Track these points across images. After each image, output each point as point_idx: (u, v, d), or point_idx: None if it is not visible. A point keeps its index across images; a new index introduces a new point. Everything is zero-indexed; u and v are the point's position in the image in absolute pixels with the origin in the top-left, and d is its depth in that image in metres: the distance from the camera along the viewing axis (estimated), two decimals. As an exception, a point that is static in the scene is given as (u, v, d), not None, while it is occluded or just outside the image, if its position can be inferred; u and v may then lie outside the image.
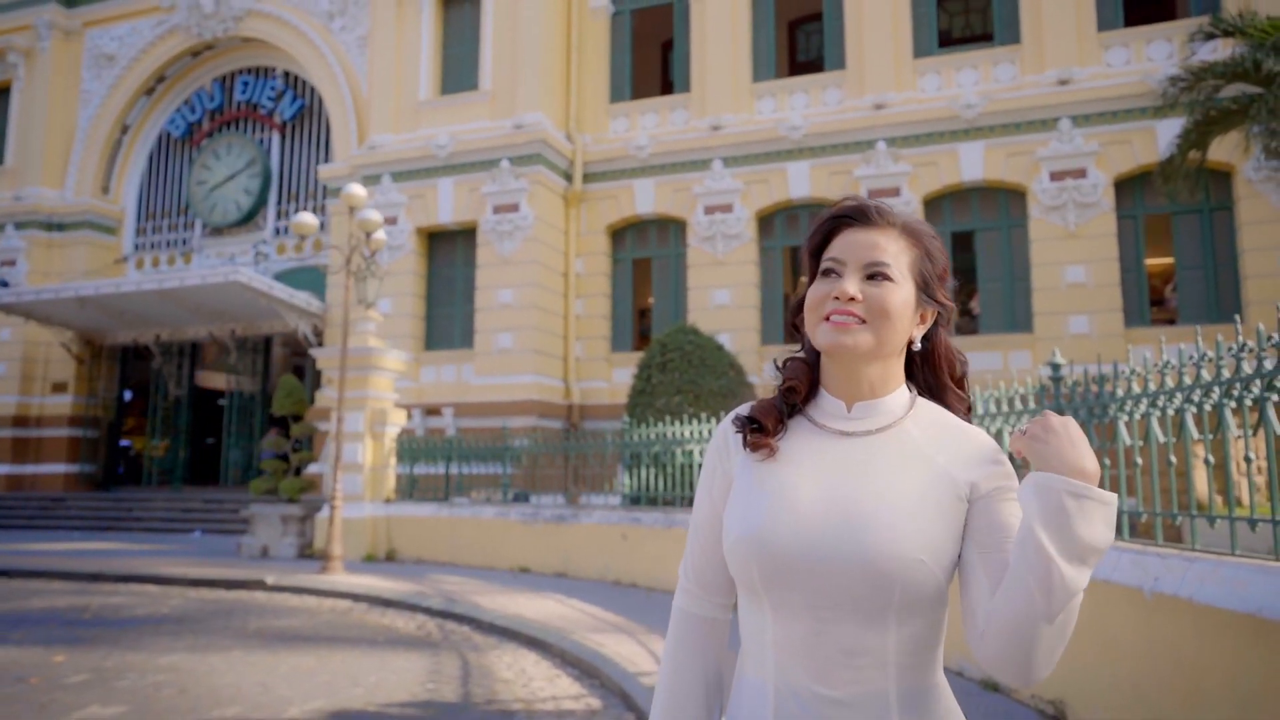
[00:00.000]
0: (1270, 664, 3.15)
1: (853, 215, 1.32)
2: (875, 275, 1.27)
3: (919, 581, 1.19)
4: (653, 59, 21.11)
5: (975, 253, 16.38)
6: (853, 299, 1.25)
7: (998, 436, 5.85)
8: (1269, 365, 3.50)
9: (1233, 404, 3.78)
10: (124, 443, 23.50)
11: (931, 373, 1.37)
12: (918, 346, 1.33)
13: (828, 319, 1.26)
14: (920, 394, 1.36)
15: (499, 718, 5.34)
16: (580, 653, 6.72)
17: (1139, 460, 4.55)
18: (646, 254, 18.62)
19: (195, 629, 8.06)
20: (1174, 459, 4.29)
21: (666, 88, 20.46)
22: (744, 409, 1.37)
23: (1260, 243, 14.22)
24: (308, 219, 11.47)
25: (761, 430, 1.32)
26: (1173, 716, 3.76)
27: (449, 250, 18.66)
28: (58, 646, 7.17)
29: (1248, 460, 3.66)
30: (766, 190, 17.23)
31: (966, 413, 1.37)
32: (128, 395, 23.37)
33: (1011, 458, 1.89)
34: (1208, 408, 3.97)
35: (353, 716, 5.32)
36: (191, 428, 22.29)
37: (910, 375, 1.36)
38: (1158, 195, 14.22)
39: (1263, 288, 13.87)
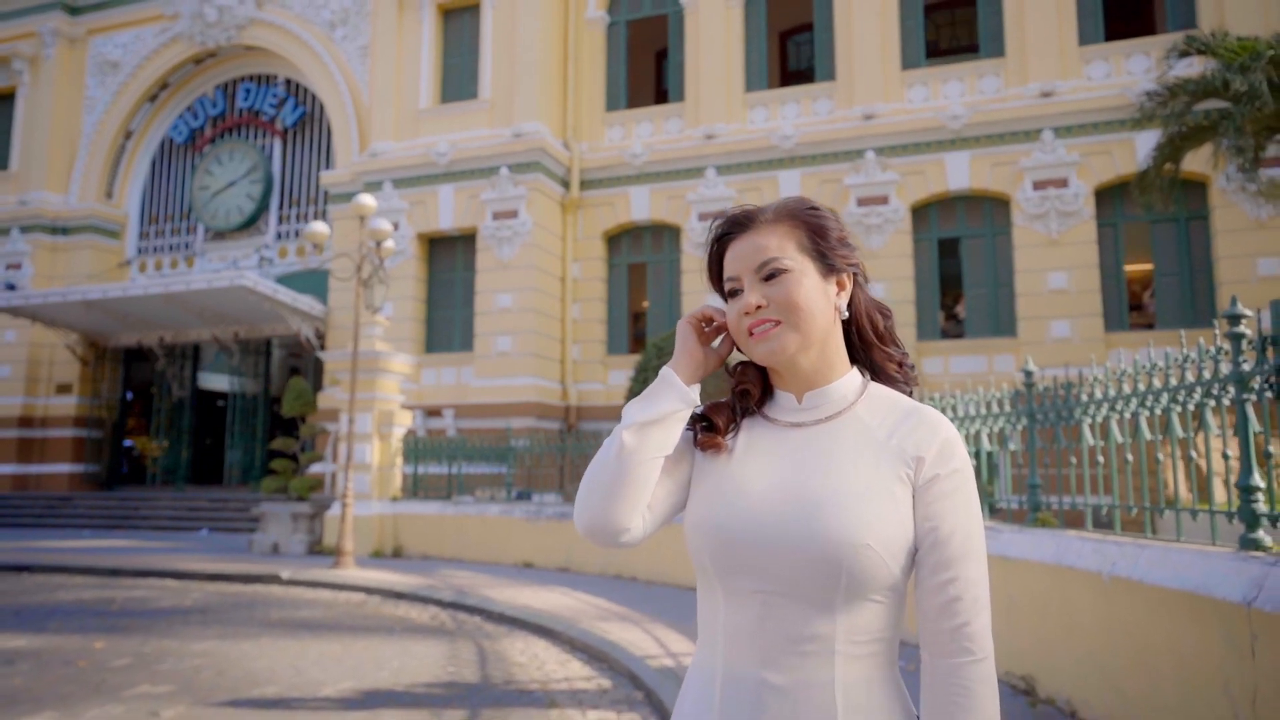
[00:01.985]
0: (1204, 634, 3.64)
1: (728, 230, 1.34)
2: (771, 275, 1.28)
3: (865, 567, 1.19)
4: (647, 69, 21.63)
5: (961, 259, 16.92)
6: (760, 307, 1.27)
7: (976, 438, 6.35)
8: (1207, 375, 4.00)
9: (1179, 409, 4.28)
10: (127, 443, 23.84)
11: (858, 334, 1.36)
12: (845, 315, 1.33)
13: (751, 334, 1.29)
14: (858, 362, 1.38)
15: (518, 696, 5.80)
16: (589, 639, 7.19)
17: (1100, 459, 5.05)
18: (642, 259, 19.11)
19: (221, 619, 8.50)
20: (1130, 457, 4.79)
21: (661, 97, 20.98)
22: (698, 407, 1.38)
23: (1234, 250, 14.79)
24: (320, 228, 11.94)
25: (712, 428, 1.35)
26: (1127, 685, 4.26)
27: (449, 255, 19.11)
28: (95, 635, 7.61)
29: (1189, 459, 4.16)
30: (758, 198, 17.67)
31: (900, 367, 1.37)
32: (129, 396, 23.74)
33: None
34: (1158, 411, 4.47)
35: (383, 695, 5.77)
36: (194, 428, 22.66)
37: (850, 346, 1.37)
38: (1137, 204, 14.73)
39: (1237, 293, 14.39)
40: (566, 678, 6.33)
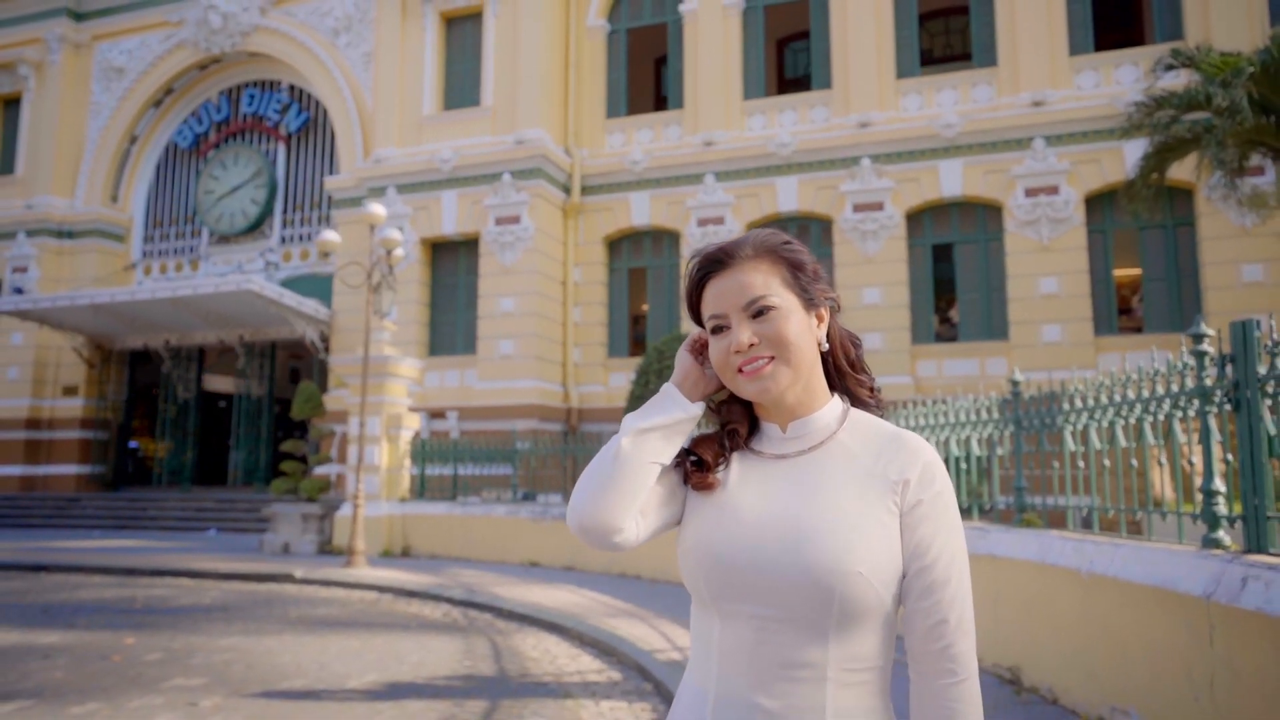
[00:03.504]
0: (1170, 625, 3.99)
1: (710, 268, 1.34)
2: (759, 312, 1.28)
3: (857, 595, 1.21)
4: (647, 76, 21.98)
5: (954, 264, 17.29)
6: (751, 345, 1.28)
7: (966, 443, 6.70)
8: (1175, 388, 4.36)
9: (1151, 418, 4.63)
10: (132, 444, 24.14)
11: (833, 363, 1.38)
12: (825, 347, 1.36)
13: (740, 371, 1.29)
14: (835, 390, 1.40)
15: (534, 688, 6.14)
16: (598, 634, 7.54)
17: (1081, 463, 5.41)
18: (642, 264, 19.45)
19: (242, 616, 8.83)
20: (1108, 462, 5.15)
21: (660, 104, 21.33)
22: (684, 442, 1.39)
23: (1220, 256, 15.17)
24: (333, 237, 12.27)
25: (700, 464, 1.36)
26: (1103, 673, 4.61)
27: (452, 260, 19.44)
28: (124, 631, 7.93)
29: (1160, 464, 4.52)
30: (757, 204, 18.08)
31: (870, 394, 1.40)
32: (133, 398, 24.02)
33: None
34: (1132, 420, 4.82)
35: (405, 687, 6.10)
36: (198, 430, 22.95)
37: (825, 374, 1.39)
38: (1125, 212, 15.13)
39: (1222, 298, 14.81)
40: (579, 670, 6.67)
